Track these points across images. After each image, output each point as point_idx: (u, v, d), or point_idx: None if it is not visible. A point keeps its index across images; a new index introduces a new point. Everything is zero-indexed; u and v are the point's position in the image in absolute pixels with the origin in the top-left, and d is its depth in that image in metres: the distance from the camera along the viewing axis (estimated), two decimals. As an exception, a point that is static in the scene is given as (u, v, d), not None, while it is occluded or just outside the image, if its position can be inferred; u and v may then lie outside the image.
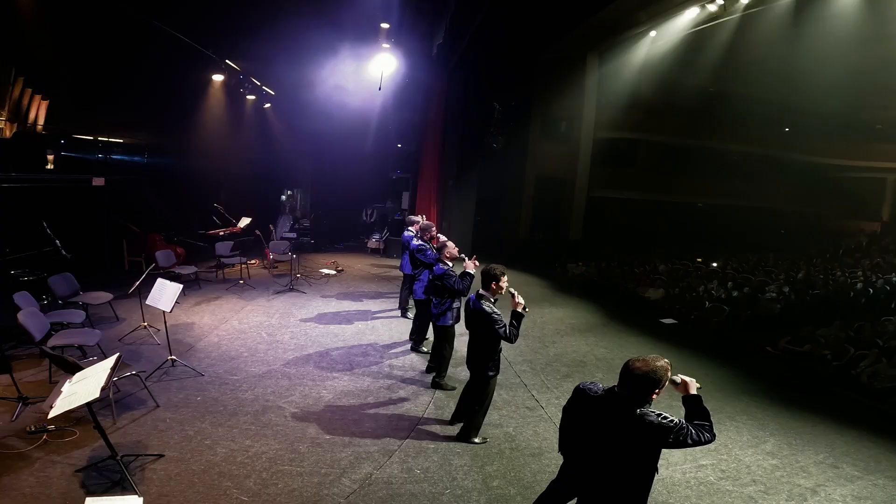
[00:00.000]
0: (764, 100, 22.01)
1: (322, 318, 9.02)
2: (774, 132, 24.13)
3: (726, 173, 24.37)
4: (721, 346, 9.53)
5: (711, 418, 2.88)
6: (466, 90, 15.99)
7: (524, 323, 4.77)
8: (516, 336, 4.67)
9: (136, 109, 12.30)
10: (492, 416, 5.82)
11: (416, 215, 9.40)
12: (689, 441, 2.73)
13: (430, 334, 7.37)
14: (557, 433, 5.66)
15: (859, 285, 13.98)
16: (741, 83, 21.03)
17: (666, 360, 2.85)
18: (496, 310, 4.78)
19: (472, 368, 5.07)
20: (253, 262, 12.97)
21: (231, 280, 11.09)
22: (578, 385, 3.08)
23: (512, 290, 4.77)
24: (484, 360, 4.95)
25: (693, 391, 2.96)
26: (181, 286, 6.40)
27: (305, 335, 8.09)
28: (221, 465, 4.54)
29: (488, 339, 4.86)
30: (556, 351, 8.41)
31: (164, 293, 6.32)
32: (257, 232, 12.60)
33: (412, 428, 5.46)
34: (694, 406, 2.91)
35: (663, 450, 2.82)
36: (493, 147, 17.83)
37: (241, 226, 13.79)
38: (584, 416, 2.93)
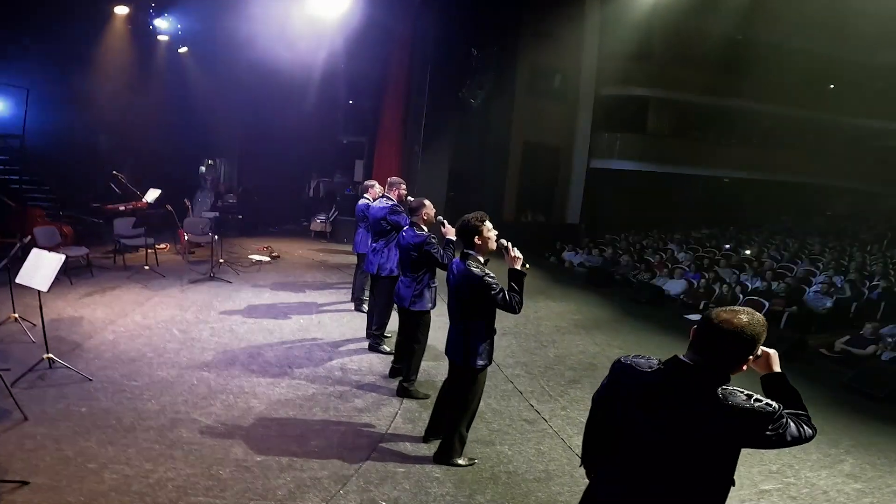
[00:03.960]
0: (803, 50, 22.12)
1: (252, 312, 8.82)
2: (817, 90, 24.21)
3: (758, 140, 24.46)
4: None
5: (806, 410, 2.55)
6: (437, 32, 15.80)
7: (515, 317, 4.57)
8: (520, 303, 4.50)
9: (9, 45, 11.73)
10: (479, 430, 5.64)
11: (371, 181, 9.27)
12: (789, 437, 2.38)
13: (393, 327, 7.18)
14: (567, 452, 5.59)
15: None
16: (776, 30, 21.14)
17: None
18: (489, 271, 4.55)
19: (456, 358, 4.83)
20: (162, 246, 12.67)
21: (134, 267, 10.81)
22: (618, 360, 2.70)
23: (505, 241, 4.61)
24: (473, 344, 4.69)
25: (777, 367, 2.62)
26: (63, 257, 6.04)
27: (230, 332, 7.86)
28: (109, 497, 4.16)
29: (480, 314, 4.66)
30: (558, 352, 8.43)
31: (41, 267, 5.93)
32: (168, 207, 12.10)
33: (373, 447, 5.22)
34: (781, 389, 2.56)
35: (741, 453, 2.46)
36: (471, 104, 17.62)
37: (149, 200, 13.23)
38: (631, 404, 2.54)
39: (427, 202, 6.18)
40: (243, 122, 17.99)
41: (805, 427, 2.44)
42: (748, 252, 17.35)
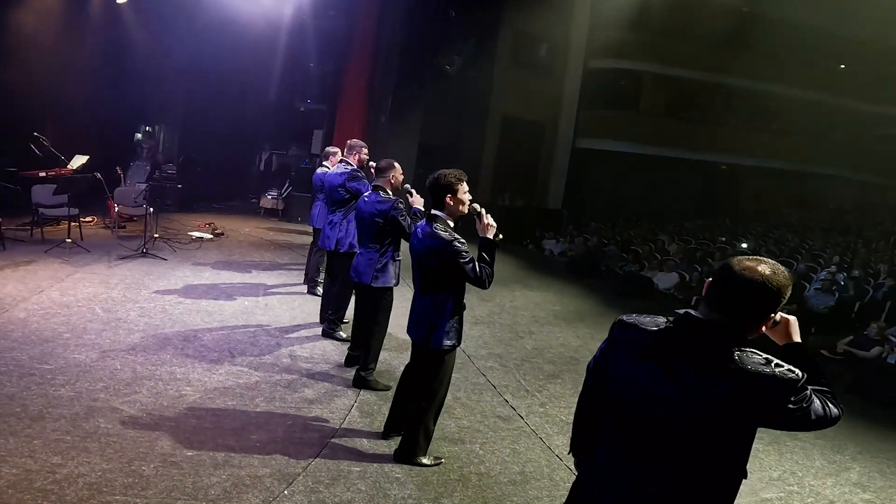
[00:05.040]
0: (813, 27, 22.34)
1: (190, 292, 8.65)
2: (825, 71, 24.45)
3: (759, 124, 24.74)
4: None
5: (831, 386, 2.43)
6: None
7: (489, 305, 4.48)
8: (491, 276, 4.48)
9: None
10: (446, 426, 5.54)
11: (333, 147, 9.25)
12: (814, 415, 2.24)
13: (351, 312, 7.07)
14: (546, 452, 5.46)
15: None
16: (784, 3, 21.28)
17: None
18: (459, 237, 4.46)
19: (419, 337, 4.71)
20: (89, 219, 12.41)
21: (54, 240, 10.52)
22: (619, 319, 2.56)
23: (478, 206, 4.61)
24: (440, 321, 4.57)
25: (798, 337, 2.52)
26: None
27: (163, 313, 7.67)
28: (6, 494, 3.95)
29: (447, 286, 4.57)
30: (536, 344, 8.49)
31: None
32: (97, 174, 11.76)
33: (324, 443, 5.06)
34: (802, 361, 2.41)
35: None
36: (446, 71, 17.44)
37: (74, 166, 12.88)
38: (633, 370, 2.37)
39: (397, 164, 6.04)
40: (188, 85, 17.63)
41: (830, 406, 2.32)
42: (745, 245, 17.53)
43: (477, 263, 4.43)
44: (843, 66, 24.78)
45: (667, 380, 2.27)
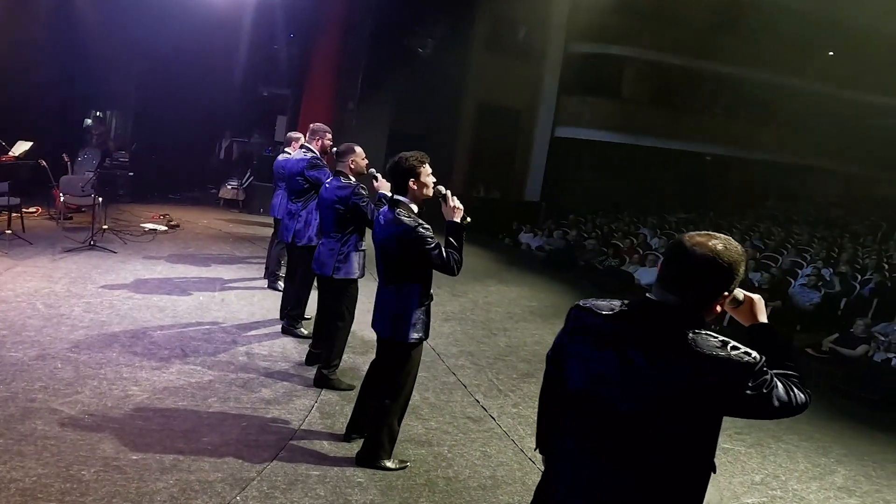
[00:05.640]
0: (802, 11, 22.56)
1: (140, 287, 8.60)
2: (814, 58, 24.74)
3: (746, 113, 24.97)
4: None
5: (799, 370, 2.40)
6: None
7: (461, 301, 4.50)
8: (459, 262, 4.47)
9: None
10: (413, 427, 5.54)
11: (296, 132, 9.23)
12: (776, 401, 2.21)
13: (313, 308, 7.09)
14: (519, 455, 5.47)
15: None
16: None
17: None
18: (424, 223, 4.45)
19: (384, 331, 4.70)
20: (32, 209, 12.25)
21: None
22: (576, 305, 2.55)
23: (443, 189, 4.63)
24: (405, 312, 4.56)
25: (764, 317, 2.50)
26: None
27: (110, 308, 7.58)
28: None
29: (413, 275, 4.56)
30: (510, 341, 8.56)
31: None
32: (42, 162, 11.61)
33: (282, 445, 5.02)
34: (768, 343, 2.42)
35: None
36: (419, 53, 17.42)
37: (16, 153, 12.66)
38: (588, 357, 2.38)
39: (357, 148, 6.00)
40: (142, 68, 17.29)
41: (796, 391, 2.28)
42: None
43: (444, 249, 4.42)
44: (831, 54, 25.07)
45: (621, 366, 2.26)
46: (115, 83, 17.61)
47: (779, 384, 2.22)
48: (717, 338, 2.20)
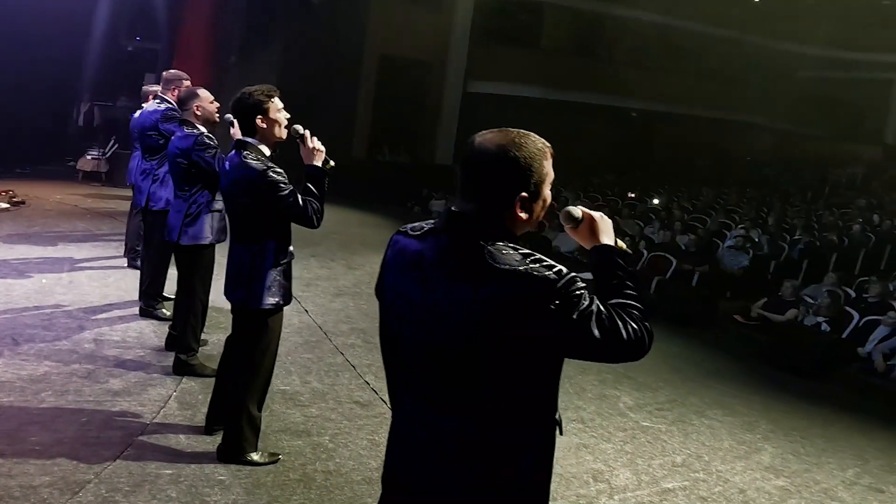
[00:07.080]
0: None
1: None
2: (742, 5, 25.42)
3: (673, 64, 25.53)
4: (671, 312, 10.30)
5: (642, 301, 2.36)
6: None
7: (356, 274, 4.48)
8: (320, 212, 4.46)
9: None
10: (291, 415, 5.58)
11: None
12: (596, 329, 2.11)
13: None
14: None
15: (856, 229, 15.86)
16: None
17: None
18: (276, 166, 4.41)
19: (236, 297, 4.64)
20: None
21: None
22: (396, 231, 2.52)
23: (300, 128, 4.59)
24: (259, 273, 4.49)
25: (608, 238, 2.46)
26: None
27: None
28: None
29: (267, 230, 4.50)
30: None
31: None
32: None
33: (129, 441, 4.92)
34: (608, 266, 2.40)
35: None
36: (310, 2, 17.33)
37: None
38: (400, 286, 2.35)
39: (202, 91, 5.95)
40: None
41: (630, 322, 2.20)
42: (656, 201, 18.50)
43: (300, 196, 4.37)
44: (757, 0, 25.80)
45: (424, 293, 2.22)
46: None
47: (602, 310, 2.14)
48: (518, 250, 2.14)
